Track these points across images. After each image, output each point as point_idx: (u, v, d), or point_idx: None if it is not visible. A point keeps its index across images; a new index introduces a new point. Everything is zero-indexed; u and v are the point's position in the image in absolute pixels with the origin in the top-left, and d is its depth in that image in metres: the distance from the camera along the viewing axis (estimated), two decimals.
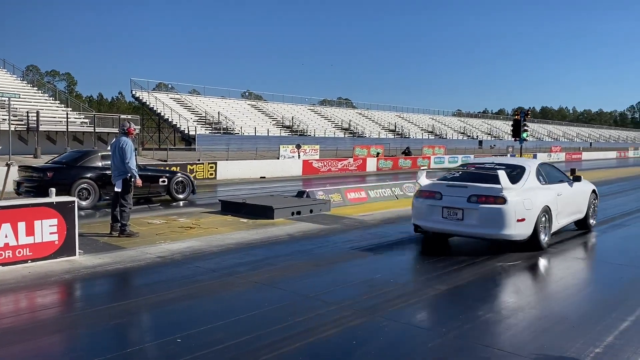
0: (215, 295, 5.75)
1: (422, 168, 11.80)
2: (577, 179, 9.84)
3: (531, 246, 7.99)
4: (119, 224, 8.86)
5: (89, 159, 13.14)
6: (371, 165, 32.11)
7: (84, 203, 12.38)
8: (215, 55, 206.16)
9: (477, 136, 76.73)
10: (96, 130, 32.97)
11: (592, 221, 10.36)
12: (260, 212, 10.91)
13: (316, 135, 52.38)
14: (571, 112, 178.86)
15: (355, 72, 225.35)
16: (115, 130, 31.36)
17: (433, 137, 67.69)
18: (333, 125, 60.33)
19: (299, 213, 11.15)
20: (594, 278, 7.01)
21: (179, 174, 14.83)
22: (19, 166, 13.93)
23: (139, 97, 48.62)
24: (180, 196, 14.50)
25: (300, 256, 7.67)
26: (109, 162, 13.04)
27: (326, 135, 53.89)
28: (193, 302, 5.51)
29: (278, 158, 32.02)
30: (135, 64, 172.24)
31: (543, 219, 8.11)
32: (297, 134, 51.65)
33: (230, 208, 11.67)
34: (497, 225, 7.64)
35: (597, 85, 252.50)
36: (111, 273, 6.64)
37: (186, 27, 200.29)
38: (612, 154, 65.21)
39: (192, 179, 15.29)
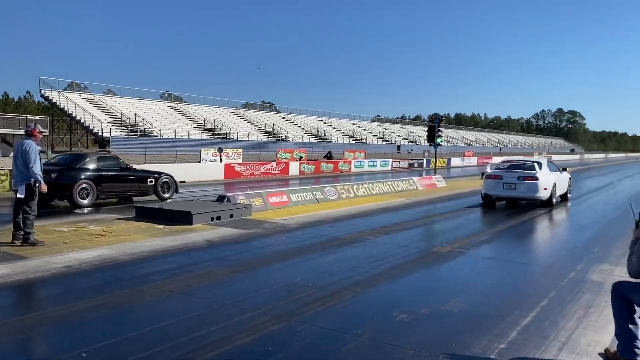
0: (126, 306, 5.49)
1: (490, 163, 19.73)
2: (564, 169, 16.85)
3: (548, 204, 14.64)
4: (22, 232, 8.25)
5: (86, 162, 14.14)
6: (294, 169, 32.19)
7: (85, 202, 13.52)
8: (133, 54, 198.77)
9: (396, 141, 79.11)
10: (0, 132, 30.62)
11: (569, 195, 17.12)
12: (177, 217, 10.58)
13: (239, 139, 51.79)
14: (483, 118, 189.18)
15: (280, 77, 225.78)
16: (23, 131, 29.25)
17: (354, 142, 69.01)
18: (256, 128, 59.92)
19: (219, 218, 10.93)
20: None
21: (164, 175, 15.87)
22: None
23: (48, 97, 45.71)
24: (166, 195, 15.56)
25: (218, 262, 7.51)
26: (104, 164, 14.55)
27: (249, 139, 53.41)
28: (101, 313, 5.22)
29: (199, 162, 31.25)
30: (45, 61, 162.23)
31: (553, 189, 14.74)
32: (219, 137, 50.79)
33: (146, 214, 11.23)
34: (534, 191, 14.30)
35: (506, 93, 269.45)
36: (12, 285, 6.16)
37: (102, 24, 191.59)
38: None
39: (175, 179, 16.26)
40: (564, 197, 16.33)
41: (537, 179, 14.26)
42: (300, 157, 37.25)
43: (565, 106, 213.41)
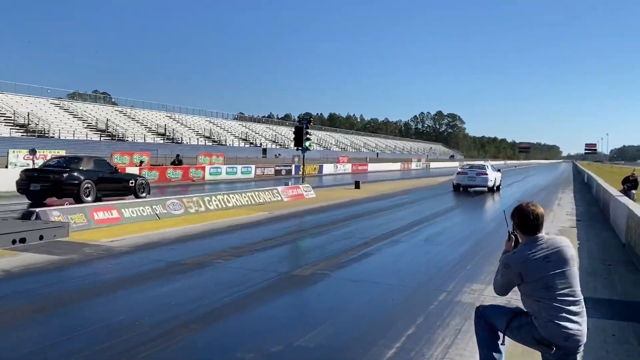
0: None
1: (459, 166, 36.33)
2: (499, 170, 32.18)
3: (491, 191, 28.63)
4: None
5: (86, 163, 18.22)
6: None
7: (88, 199, 16.91)
8: None
9: (261, 144, 79.82)
10: None
11: (500, 187, 31.04)
12: None
13: (61, 138, 48.78)
14: (359, 120, 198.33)
15: (118, 63, 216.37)
16: None
17: (210, 143, 68.40)
18: (85, 125, 56.90)
19: (23, 241, 10.09)
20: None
21: (140, 178, 20.68)
22: (27, 169, 18.97)
23: None
24: (142, 195, 19.42)
25: (17, 299, 6.90)
26: (98, 166, 18.64)
27: (76, 138, 50.54)
28: None
29: (6, 166, 28.71)
30: None
31: (494, 182, 29.26)
32: (34, 135, 47.36)
33: None
34: (486, 182, 28.46)
35: (384, 95, 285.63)
36: None
37: None
38: (397, 166, 73.88)
39: (148, 181, 21.25)
40: (497, 188, 29.84)
41: (487, 174, 28.34)
42: (142, 162, 35.91)
43: (444, 109, 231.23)
